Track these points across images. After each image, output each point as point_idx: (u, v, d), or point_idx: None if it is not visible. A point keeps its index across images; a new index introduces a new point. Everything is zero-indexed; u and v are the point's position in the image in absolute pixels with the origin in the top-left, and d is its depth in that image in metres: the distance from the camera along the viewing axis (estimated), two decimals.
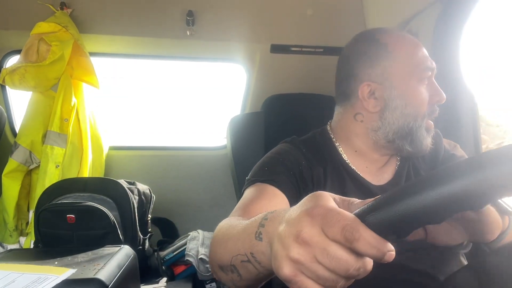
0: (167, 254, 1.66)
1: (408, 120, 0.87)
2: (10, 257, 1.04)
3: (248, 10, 1.74)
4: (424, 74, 0.87)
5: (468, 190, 0.36)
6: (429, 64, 0.87)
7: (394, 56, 0.87)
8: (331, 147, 0.94)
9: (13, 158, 1.68)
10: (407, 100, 0.87)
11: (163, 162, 1.98)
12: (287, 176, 0.85)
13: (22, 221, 1.75)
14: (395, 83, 0.87)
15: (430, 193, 0.37)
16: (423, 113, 0.87)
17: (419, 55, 0.87)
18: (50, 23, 1.61)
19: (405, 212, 0.38)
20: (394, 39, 0.89)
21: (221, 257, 0.60)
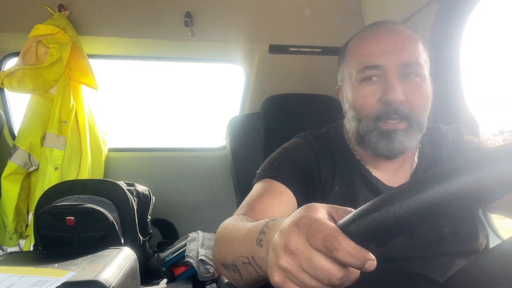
0: (167, 256, 1.65)
1: (355, 124, 0.84)
2: (9, 260, 1.04)
3: (246, 10, 1.74)
4: (364, 74, 0.81)
5: (433, 205, 0.37)
6: (369, 63, 0.80)
7: (346, 57, 0.87)
8: (343, 144, 0.92)
9: (12, 161, 1.68)
10: (350, 103, 0.85)
11: (162, 163, 1.98)
12: (295, 173, 0.85)
13: (21, 223, 1.74)
14: (346, 87, 0.87)
15: (400, 204, 0.38)
16: (368, 116, 0.81)
17: (363, 54, 0.82)
18: (48, 25, 1.61)
19: (380, 222, 0.39)
20: (352, 41, 0.87)
21: (225, 256, 0.63)
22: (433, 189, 0.36)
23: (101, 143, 1.85)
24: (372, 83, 0.80)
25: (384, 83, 0.79)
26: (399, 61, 0.78)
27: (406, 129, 0.79)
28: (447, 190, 0.36)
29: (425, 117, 0.82)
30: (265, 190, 0.82)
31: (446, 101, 1.27)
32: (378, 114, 0.79)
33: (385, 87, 0.78)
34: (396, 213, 0.38)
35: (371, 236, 0.39)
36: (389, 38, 0.81)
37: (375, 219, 0.39)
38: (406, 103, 0.78)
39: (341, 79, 0.89)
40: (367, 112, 0.81)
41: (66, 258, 1.04)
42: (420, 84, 0.80)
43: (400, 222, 0.38)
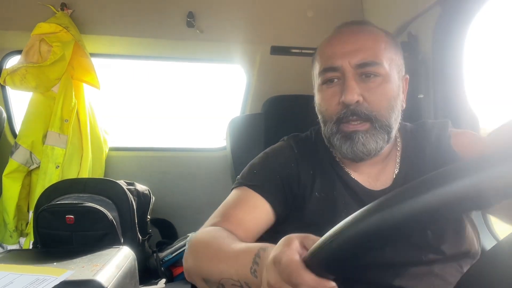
0: (166, 255, 1.66)
1: (323, 127, 0.83)
2: (9, 258, 1.04)
3: (248, 11, 1.74)
4: (324, 77, 0.80)
5: (363, 232, 0.38)
6: (327, 65, 0.79)
7: (314, 61, 0.87)
8: (324, 147, 0.90)
9: (13, 159, 1.69)
10: (317, 106, 0.85)
11: (162, 163, 1.98)
12: (274, 181, 0.85)
13: (22, 221, 1.75)
14: (314, 90, 0.87)
15: (349, 232, 0.39)
16: (330, 119, 0.80)
17: (323, 56, 0.82)
18: (51, 24, 1.62)
19: (334, 251, 0.40)
20: (322, 41, 0.87)
21: (209, 273, 0.68)
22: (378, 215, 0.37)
23: (102, 142, 1.85)
24: (333, 86, 0.80)
25: (343, 85, 0.78)
26: (355, 61, 0.77)
27: (368, 130, 0.78)
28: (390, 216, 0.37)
29: (391, 117, 0.79)
30: (242, 201, 0.83)
31: (448, 103, 1.27)
32: (338, 116, 0.78)
33: (343, 89, 0.77)
34: (345, 241, 0.39)
35: (330, 266, 0.42)
36: (348, 39, 0.80)
37: (330, 249, 0.40)
38: (365, 103, 0.77)
39: (313, 83, 0.89)
40: (329, 114, 0.80)
41: (65, 256, 1.04)
42: (381, 84, 0.78)
43: (352, 250, 0.39)
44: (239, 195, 0.85)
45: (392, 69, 0.80)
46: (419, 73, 1.28)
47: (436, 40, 1.25)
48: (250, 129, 1.52)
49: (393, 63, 0.81)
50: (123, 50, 1.89)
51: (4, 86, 1.75)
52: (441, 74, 1.26)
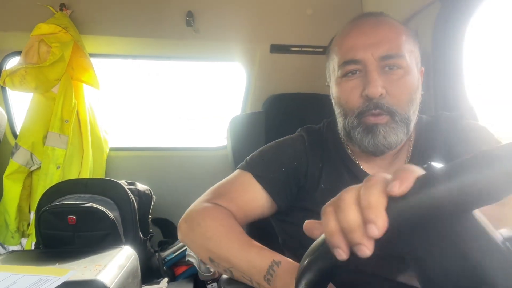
0: (168, 255, 1.66)
1: (341, 120, 0.83)
2: (11, 259, 1.04)
3: (248, 10, 1.74)
4: (344, 69, 0.79)
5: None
6: (348, 57, 0.79)
7: (330, 54, 0.86)
8: (335, 139, 0.91)
9: (14, 160, 1.69)
10: (335, 99, 0.84)
11: (163, 162, 1.98)
12: (278, 173, 0.86)
13: (23, 222, 1.75)
14: (331, 83, 0.86)
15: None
16: (352, 112, 0.79)
17: (343, 49, 0.81)
18: (50, 25, 1.62)
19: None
20: (338, 34, 0.85)
21: (218, 257, 0.71)
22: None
23: (102, 142, 1.85)
24: (354, 78, 0.79)
25: (365, 77, 0.77)
26: (378, 53, 0.77)
27: (388, 123, 0.77)
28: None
29: (410, 110, 0.79)
30: (244, 187, 0.85)
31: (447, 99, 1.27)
32: (360, 109, 0.78)
33: (365, 82, 0.77)
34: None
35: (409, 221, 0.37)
36: (369, 31, 0.80)
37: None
38: (387, 96, 0.76)
39: (328, 76, 0.89)
40: (350, 107, 0.80)
41: (67, 257, 1.04)
42: (402, 76, 0.78)
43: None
44: (242, 180, 0.87)
45: (412, 61, 0.80)
46: None
47: (435, 36, 1.25)
48: (250, 128, 1.52)
49: (412, 55, 0.81)
50: (123, 50, 1.89)
51: (4, 87, 1.75)
52: (440, 70, 1.26)
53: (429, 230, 0.37)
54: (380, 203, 0.37)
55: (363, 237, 0.38)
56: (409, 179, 0.36)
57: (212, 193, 0.87)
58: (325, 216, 0.42)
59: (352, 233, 0.38)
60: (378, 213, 0.37)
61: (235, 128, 1.50)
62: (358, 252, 0.38)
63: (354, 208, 0.39)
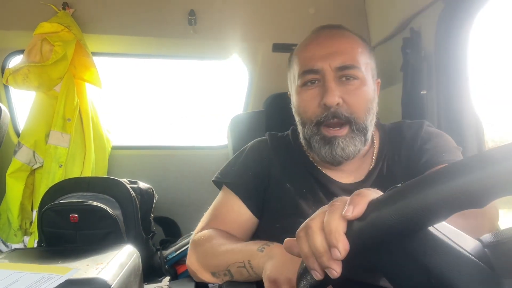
0: (170, 253, 1.66)
1: (300, 128, 0.85)
2: (13, 257, 1.05)
3: (250, 9, 1.74)
4: (303, 79, 0.81)
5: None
6: (307, 67, 0.81)
7: (291, 63, 0.89)
8: (298, 145, 0.93)
9: (16, 158, 1.69)
10: (295, 107, 0.87)
11: (165, 161, 1.98)
12: (247, 178, 0.91)
13: (26, 220, 1.76)
14: (291, 92, 0.89)
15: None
16: (309, 121, 0.82)
17: (301, 59, 0.83)
18: (53, 23, 1.62)
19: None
20: (299, 45, 0.89)
21: (217, 265, 0.78)
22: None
23: (104, 140, 1.86)
24: (312, 88, 0.81)
25: (322, 87, 0.79)
26: (336, 64, 0.79)
27: (347, 134, 0.80)
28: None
29: (367, 119, 0.82)
30: (228, 206, 0.92)
31: (451, 99, 1.26)
32: (318, 118, 0.80)
33: (323, 91, 0.79)
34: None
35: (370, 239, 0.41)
36: (327, 42, 0.82)
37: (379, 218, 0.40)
38: (345, 105, 0.79)
39: (289, 86, 0.92)
40: (308, 116, 0.82)
41: (69, 255, 1.05)
42: (359, 87, 0.80)
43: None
44: (224, 199, 0.93)
45: (368, 73, 0.83)
46: (422, 69, 1.28)
47: (438, 35, 1.24)
48: (251, 127, 1.52)
49: (368, 67, 0.84)
50: (125, 49, 1.89)
51: (7, 85, 1.75)
52: (444, 70, 1.26)
53: (392, 247, 0.40)
54: (340, 228, 0.41)
55: (330, 260, 0.41)
56: (361, 203, 0.40)
57: (206, 219, 0.94)
58: (298, 241, 0.45)
59: (321, 258, 0.42)
60: (338, 237, 0.40)
61: (236, 127, 1.51)
62: (329, 274, 0.41)
63: (319, 234, 0.43)
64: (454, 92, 1.25)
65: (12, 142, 1.81)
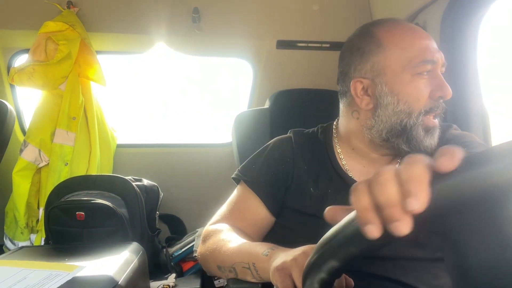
0: (175, 251, 1.67)
1: (401, 118, 0.82)
2: (21, 254, 1.06)
3: (254, 6, 1.73)
4: (420, 68, 0.80)
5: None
6: (427, 57, 0.80)
7: (386, 50, 0.83)
8: (328, 144, 0.93)
9: (22, 157, 1.70)
10: (399, 96, 0.82)
11: (170, 159, 1.99)
12: (268, 178, 0.91)
13: (32, 218, 1.77)
14: (386, 79, 0.83)
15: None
16: (419, 110, 0.81)
17: (415, 47, 0.81)
18: (57, 22, 1.63)
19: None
20: (390, 32, 0.85)
21: (223, 261, 0.79)
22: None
23: (110, 138, 1.87)
24: (424, 77, 0.81)
25: (434, 79, 0.81)
26: (443, 59, 0.83)
27: (437, 126, 0.84)
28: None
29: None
30: (245, 203, 0.92)
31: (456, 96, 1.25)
32: (428, 108, 0.82)
33: (436, 83, 0.81)
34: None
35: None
36: (428, 36, 0.84)
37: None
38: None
39: (372, 70, 0.85)
40: (419, 105, 0.81)
41: (76, 252, 1.06)
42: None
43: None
44: (241, 195, 0.93)
45: None
46: None
47: (443, 31, 1.24)
48: (256, 124, 1.52)
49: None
50: (129, 47, 1.89)
51: (13, 84, 1.77)
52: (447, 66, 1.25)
53: (472, 213, 0.35)
54: (424, 177, 0.35)
55: (402, 212, 0.35)
56: (456, 156, 0.34)
57: (221, 213, 0.93)
58: (356, 192, 0.39)
59: (390, 208, 0.35)
60: (421, 186, 0.34)
61: (240, 125, 1.50)
62: (394, 230, 0.35)
63: (393, 183, 0.36)
64: (459, 89, 1.24)
65: (19, 141, 1.82)
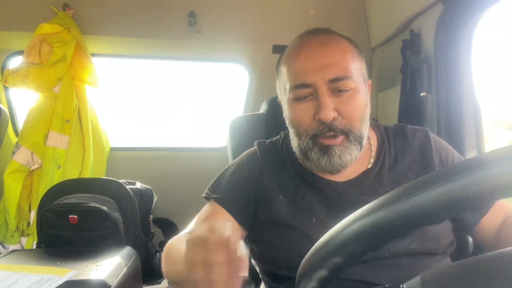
0: None
1: (295, 140, 0.83)
2: (12, 258, 1.04)
3: (250, 11, 1.74)
4: (295, 93, 0.79)
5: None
6: (298, 81, 0.79)
7: (280, 72, 0.86)
8: (288, 150, 0.92)
9: (15, 159, 1.69)
10: (288, 120, 0.85)
11: (164, 163, 1.98)
12: (236, 192, 0.88)
13: (23, 221, 1.75)
14: (283, 101, 0.87)
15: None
16: (305, 132, 0.80)
17: (291, 71, 0.81)
18: (53, 24, 1.62)
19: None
20: (284, 56, 0.86)
21: (175, 276, 0.72)
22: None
23: (103, 142, 1.86)
24: (305, 101, 0.79)
25: (316, 100, 0.78)
26: (329, 76, 0.77)
27: (343, 143, 0.79)
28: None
29: (362, 127, 0.81)
30: (212, 217, 0.87)
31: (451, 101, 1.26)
32: (314, 131, 0.79)
33: (317, 105, 0.78)
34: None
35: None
36: (318, 52, 0.80)
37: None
38: (340, 118, 0.78)
39: (279, 92, 0.89)
40: (304, 129, 0.80)
41: (68, 256, 1.05)
42: (352, 96, 0.78)
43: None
44: (209, 212, 0.90)
45: (359, 79, 0.81)
46: (422, 71, 1.28)
47: (438, 37, 1.25)
48: (251, 129, 1.52)
49: (359, 72, 0.82)
50: (125, 50, 1.89)
51: (7, 86, 1.75)
52: (443, 72, 1.26)
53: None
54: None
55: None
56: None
57: (187, 229, 0.89)
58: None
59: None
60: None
61: (235, 129, 1.50)
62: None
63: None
64: (453, 94, 1.25)
65: (12, 143, 1.81)
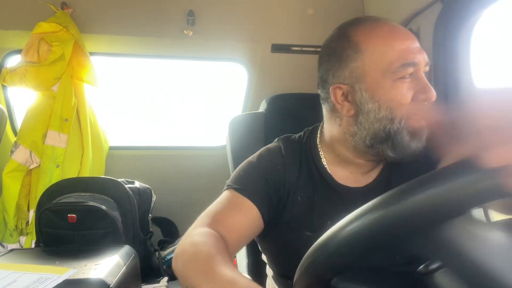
0: (168, 254, 1.66)
1: (384, 124, 0.78)
2: (11, 257, 1.04)
3: (249, 9, 1.74)
4: (401, 72, 0.76)
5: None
6: (408, 60, 0.76)
7: (364, 56, 0.79)
8: (313, 148, 0.90)
9: (13, 158, 1.69)
10: (380, 103, 0.79)
11: (163, 162, 1.98)
12: (260, 185, 0.85)
13: (22, 220, 1.75)
14: (366, 86, 0.80)
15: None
16: (402, 115, 0.77)
17: (394, 51, 0.77)
18: (51, 23, 1.62)
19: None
20: (367, 35, 0.80)
21: (193, 285, 0.61)
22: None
23: (102, 141, 1.86)
24: (406, 81, 0.77)
25: (417, 81, 0.77)
26: (426, 59, 0.77)
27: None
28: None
29: None
30: (232, 205, 0.82)
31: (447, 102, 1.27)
32: (412, 112, 0.77)
33: (420, 85, 0.76)
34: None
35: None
36: (410, 36, 0.79)
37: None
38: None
39: (351, 76, 0.81)
40: (402, 111, 0.77)
41: (67, 255, 1.05)
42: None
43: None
44: (228, 199, 0.84)
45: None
46: None
47: (436, 36, 1.25)
48: (250, 128, 1.52)
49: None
50: (124, 49, 1.89)
51: (5, 85, 1.75)
52: (440, 71, 1.26)
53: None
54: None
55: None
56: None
57: (203, 219, 0.81)
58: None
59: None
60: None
61: (235, 128, 1.50)
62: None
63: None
64: (453, 94, 1.26)
65: (10, 142, 1.80)
